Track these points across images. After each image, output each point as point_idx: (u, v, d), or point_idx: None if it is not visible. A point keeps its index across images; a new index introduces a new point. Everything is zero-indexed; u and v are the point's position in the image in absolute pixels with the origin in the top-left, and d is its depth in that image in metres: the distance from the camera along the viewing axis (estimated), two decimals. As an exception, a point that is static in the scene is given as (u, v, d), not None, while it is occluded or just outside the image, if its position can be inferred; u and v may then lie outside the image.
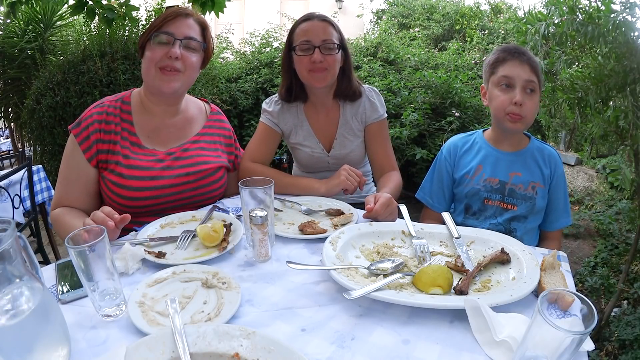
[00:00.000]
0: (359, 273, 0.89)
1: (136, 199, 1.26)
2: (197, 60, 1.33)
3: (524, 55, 1.30)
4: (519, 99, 1.27)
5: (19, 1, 2.63)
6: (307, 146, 1.59)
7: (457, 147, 1.48)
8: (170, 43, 1.26)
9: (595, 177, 4.21)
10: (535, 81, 1.29)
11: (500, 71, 1.32)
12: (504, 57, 1.33)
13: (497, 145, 1.41)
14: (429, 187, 1.51)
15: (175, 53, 1.24)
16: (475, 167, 1.41)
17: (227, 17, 3.27)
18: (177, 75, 1.27)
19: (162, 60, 1.25)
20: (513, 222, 1.37)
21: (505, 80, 1.31)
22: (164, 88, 1.27)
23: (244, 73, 4.71)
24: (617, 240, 3.01)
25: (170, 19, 1.27)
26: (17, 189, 2.30)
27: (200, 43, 1.32)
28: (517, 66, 1.29)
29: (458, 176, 1.45)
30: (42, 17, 4.61)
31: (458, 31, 8.12)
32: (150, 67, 1.27)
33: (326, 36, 1.43)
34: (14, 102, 4.67)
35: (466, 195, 1.42)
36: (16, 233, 0.60)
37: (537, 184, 1.35)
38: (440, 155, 1.51)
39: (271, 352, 0.62)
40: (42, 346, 0.61)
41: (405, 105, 3.76)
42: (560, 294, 0.61)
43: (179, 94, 1.34)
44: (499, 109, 1.32)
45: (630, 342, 1.87)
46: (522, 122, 1.30)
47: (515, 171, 1.37)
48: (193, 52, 1.31)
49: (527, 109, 1.29)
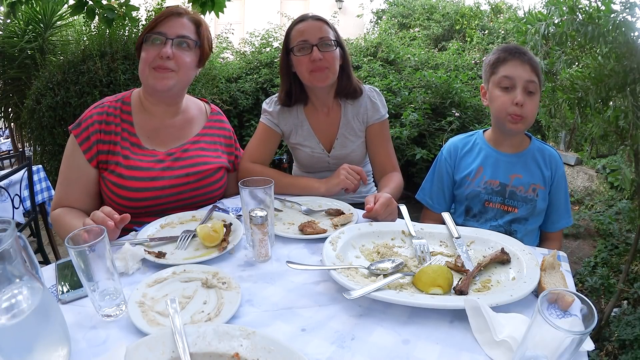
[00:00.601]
0: (359, 273, 0.89)
1: (136, 199, 1.26)
2: (192, 59, 1.32)
3: (525, 55, 1.29)
4: (520, 99, 1.26)
5: (19, 1, 2.63)
6: (307, 146, 1.59)
7: (457, 148, 1.47)
8: (162, 42, 1.26)
9: (595, 177, 4.21)
10: (536, 81, 1.29)
11: (501, 71, 1.31)
12: (504, 57, 1.31)
13: (498, 147, 1.40)
14: (429, 188, 1.51)
15: (166, 52, 1.24)
16: (476, 169, 1.41)
17: (227, 17, 3.26)
18: (170, 73, 1.27)
19: (154, 60, 1.26)
20: (514, 224, 1.37)
21: (506, 81, 1.30)
22: (157, 86, 1.27)
23: (244, 73, 4.71)
24: (617, 240, 3.01)
25: (162, 19, 1.28)
26: (17, 189, 2.30)
27: (194, 41, 1.31)
28: (518, 66, 1.28)
29: (458, 178, 1.44)
30: (42, 17, 4.61)
31: (458, 31, 8.12)
32: (144, 67, 1.28)
33: (322, 34, 1.43)
34: (14, 102, 4.67)
35: (467, 197, 1.41)
36: (16, 233, 0.60)
37: (537, 185, 1.35)
38: (441, 157, 1.50)
39: (271, 352, 0.62)
40: (42, 346, 0.61)
41: (405, 105, 3.77)
42: (560, 294, 0.61)
43: (174, 92, 1.34)
44: (500, 110, 1.31)
45: (630, 342, 1.87)
46: (523, 122, 1.29)
47: (515, 173, 1.36)
48: (186, 51, 1.30)
49: (528, 110, 1.28)
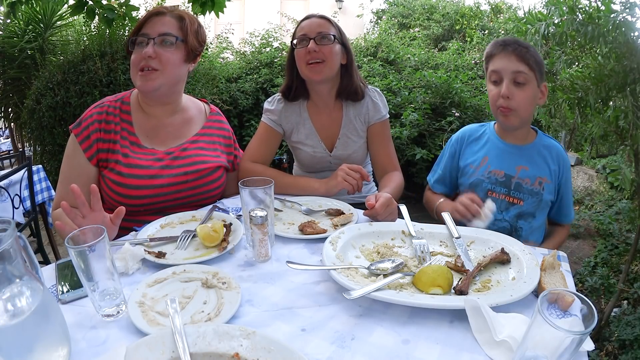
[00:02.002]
0: (359, 273, 0.89)
1: (135, 197, 1.26)
2: (177, 55, 1.31)
3: (510, 46, 1.28)
4: (504, 91, 1.26)
5: (19, 1, 2.63)
6: (308, 145, 1.59)
7: (465, 135, 1.49)
8: (145, 43, 1.27)
9: (595, 177, 4.21)
10: (525, 71, 1.26)
11: (490, 66, 1.33)
12: (491, 51, 1.33)
13: (504, 138, 1.40)
14: (436, 169, 1.55)
15: (147, 52, 1.25)
16: (481, 158, 1.41)
17: (227, 17, 3.27)
18: (154, 73, 1.27)
19: (140, 62, 1.27)
20: (520, 219, 1.36)
21: (494, 75, 1.31)
22: (143, 87, 1.29)
23: (244, 73, 4.71)
24: (617, 240, 3.01)
25: (144, 21, 1.30)
26: (17, 189, 2.30)
27: (175, 37, 1.30)
28: (504, 58, 1.28)
29: (463, 164, 1.45)
30: (42, 17, 4.61)
31: (458, 31, 8.12)
32: (133, 70, 1.30)
33: (321, 29, 1.46)
34: (14, 102, 4.68)
35: (470, 185, 1.41)
36: (16, 233, 0.60)
37: (544, 179, 1.34)
38: (450, 141, 1.53)
39: (271, 352, 0.62)
40: (42, 346, 0.61)
41: (405, 105, 3.77)
42: (560, 294, 0.61)
43: (163, 91, 1.33)
44: (491, 104, 1.34)
45: (630, 342, 1.87)
46: (513, 115, 1.29)
47: (522, 165, 1.36)
48: (169, 48, 1.29)
49: (517, 101, 1.27)
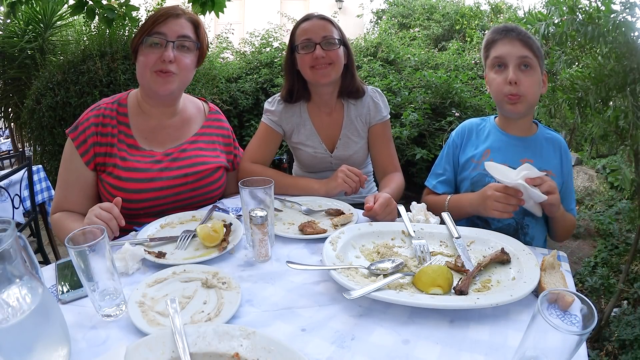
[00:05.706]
0: (359, 273, 0.89)
1: (134, 200, 1.25)
2: (192, 60, 1.32)
3: (513, 31, 1.25)
4: (512, 77, 1.22)
5: (19, 1, 2.63)
6: (309, 146, 1.59)
7: (466, 128, 1.45)
8: (162, 45, 1.24)
9: (595, 177, 4.21)
10: (530, 56, 1.23)
11: (492, 53, 1.29)
12: (493, 38, 1.29)
13: (506, 130, 1.37)
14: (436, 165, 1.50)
15: (169, 57, 1.23)
16: (483, 152, 1.37)
17: (227, 17, 3.26)
18: (172, 76, 1.26)
19: (156, 64, 1.24)
20: (527, 216, 1.31)
21: (497, 61, 1.27)
22: (160, 90, 1.27)
23: (244, 73, 4.71)
24: (617, 240, 3.01)
25: (161, 21, 1.25)
26: (17, 189, 2.30)
27: (195, 42, 1.30)
28: (507, 44, 1.25)
29: (463, 159, 1.41)
30: (42, 17, 4.60)
31: (458, 31, 8.12)
32: (144, 71, 1.26)
33: (326, 32, 1.44)
34: (14, 102, 4.67)
35: (472, 180, 1.37)
36: (16, 233, 0.60)
37: (549, 172, 1.30)
38: (450, 137, 1.49)
39: (271, 352, 0.62)
40: (42, 346, 0.61)
41: (405, 105, 3.76)
42: (560, 294, 0.61)
43: (176, 95, 1.34)
44: (497, 92, 1.28)
45: (630, 342, 1.87)
46: (522, 102, 1.25)
47: (526, 157, 1.31)
48: (187, 53, 1.29)
49: (525, 87, 1.23)
